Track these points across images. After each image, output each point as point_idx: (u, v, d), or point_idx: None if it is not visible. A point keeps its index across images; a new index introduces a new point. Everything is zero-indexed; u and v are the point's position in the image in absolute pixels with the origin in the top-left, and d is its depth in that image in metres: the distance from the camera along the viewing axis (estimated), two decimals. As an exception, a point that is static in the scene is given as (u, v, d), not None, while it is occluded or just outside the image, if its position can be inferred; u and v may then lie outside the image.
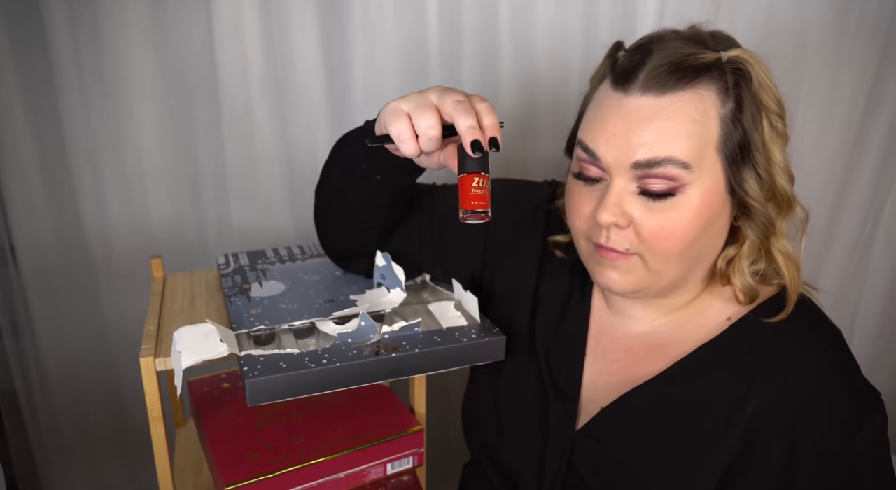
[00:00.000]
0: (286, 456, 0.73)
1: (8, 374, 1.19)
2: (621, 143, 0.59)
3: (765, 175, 0.60)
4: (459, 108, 0.56)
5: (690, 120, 0.57)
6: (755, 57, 0.60)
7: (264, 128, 1.11)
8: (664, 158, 0.57)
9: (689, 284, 0.67)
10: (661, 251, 0.61)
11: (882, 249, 1.31)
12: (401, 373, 0.65)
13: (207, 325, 0.64)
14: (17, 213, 1.11)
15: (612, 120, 0.60)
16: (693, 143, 0.57)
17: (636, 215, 0.60)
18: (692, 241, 0.61)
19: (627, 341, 0.71)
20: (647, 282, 0.63)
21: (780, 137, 0.61)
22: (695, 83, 0.58)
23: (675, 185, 0.58)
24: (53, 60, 1.02)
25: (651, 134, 0.57)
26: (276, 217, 1.17)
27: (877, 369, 1.40)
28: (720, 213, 0.62)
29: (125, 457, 1.29)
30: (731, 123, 0.59)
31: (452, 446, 1.27)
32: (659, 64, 0.58)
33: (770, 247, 0.64)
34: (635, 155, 0.58)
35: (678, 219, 0.59)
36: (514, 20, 1.10)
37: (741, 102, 0.59)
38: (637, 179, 0.59)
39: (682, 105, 0.58)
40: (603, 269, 0.64)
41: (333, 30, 1.07)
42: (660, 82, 0.58)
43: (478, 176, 0.57)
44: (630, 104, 0.59)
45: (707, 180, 0.59)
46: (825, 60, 1.18)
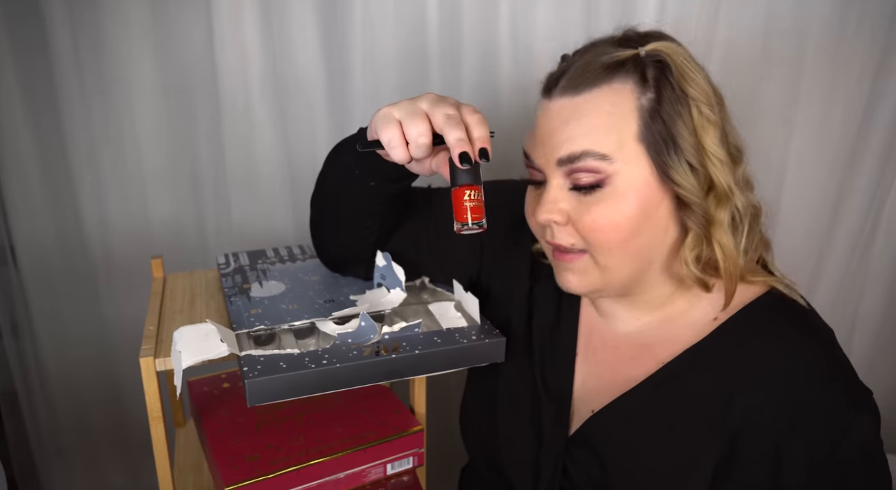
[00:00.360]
0: (286, 456, 0.73)
1: (8, 374, 1.19)
2: (547, 144, 0.62)
3: (697, 165, 0.60)
4: (450, 121, 0.57)
5: (605, 113, 0.60)
6: (675, 48, 0.62)
7: (264, 128, 1.11)
8: (582, 152, 0.60)
9: (652, 281, 0.67)
10: (601, 244, 0.62)
11: (882, 249, 1.31)
12: (401, 373, 0.65)
13: (207, 324, 0.64)
14: (17, 213, 1.11)
15: (540, 125, 0.64)
16: (609, 136, 0.59)
17: (571, 211, 0.62)
18: (630, 232, 0.61)
19: (615, 341, 0.72)
20: (602, 280, 0.64)
21: (711, 124, 0.60)
22: (610, 79, 0.60)
23: (599, 177, 0.60)
24: (53, 60, 1.02)
25: (569, 131, 0.61)
26: (276, 217, 1.17)
27: (877, 369, 1.40)
28: (657, 204, 0.62)
29: (125, 457, 1.29)
30: (650, 115, 0.60)
31: (452, 447, 1.27)
32: (577, 66, 0.62)
33: (710, 238, 0.63)
34: (558, 152, 0.61)
35: (609, 210, 0.61)
36: (513, 20, 1.10)
37: (661, 93, 0.60)
38: (566, 176, 0.62)
39: (597, 101, 0.60)
40: (561, 272, 0.67)
41: (333, 30, 1.07)
42: (575, 83, 0.61)
43: (469, 188, 0.59)
44: (552, 108, 0.63)
45: (632, 170, 0.60)
46: (825, 61, 1.18)
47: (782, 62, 1.17)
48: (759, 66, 1.17)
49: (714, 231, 0.62)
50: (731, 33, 1.15)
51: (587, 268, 0.64)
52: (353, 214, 0.73)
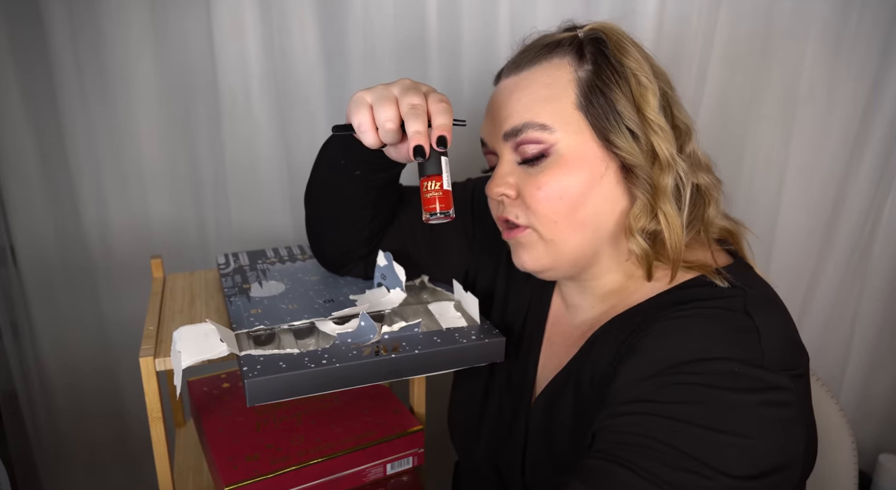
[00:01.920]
0: (286, 456, 0.73)
1: (8, 374, 1.19)
2: (495, 122, 0.66)
3: (639, 132, 0.61)
4: (412, 111, 0.58)
5: (543, 85, 0.63)
6: (611, 26, 0.65)
7: (264, 127, 1.11)
8: (524, 124, 0.62)
9: (603, 261, 0.66)
10: (545, 214, 0.63)
11: (882, 249, 1.31)
12: (400, 373, 0.65)
13: (207, 324, 0.64)
14: (17, 213, 1.10)
15: (490, 108, 0.68)
16: (548, 106, 0.62)
17: (520, 184, 0.64)
18: (575, 200, 0.62)
19: (570, 331, 0.73)
20: (550, 254, 0.65)
21: (650, 93, 0.61)
22: (549, 56, 0.64)
23: (543, 148, 0.62)
24: (53, 61, 1.02)
25: (512, 105, 0.64)
26: (275, 217, 1.17)
27: (877, 369, 1.40)
28: (602, 172, 0.62)
29: (125, 457, 1.29)
30: (588, 86, 0.62)
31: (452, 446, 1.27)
32: (520, 49, 0.67)
33: (655, 207, 0.62)
34: (503, 127, 0.64)
35: (553, 177, 0.62)
36: (513, 18, 1.10)
37: (598, 64, 0.62)
38: (514, 151, 0.64)
39: (535, 75, 0.64)
40: (514, 252, 0.68)
41: (333, 30, 1.07)
42: (517, 62, 0.66)
43: (431, 179, 0.60)
44: (499, 88, 0.67)
45: (573, 139, 0.62)
46: (825, 60, 1.18)
47: (782, 62, 1.18)
48: (759, 66, 1.17)
49: (658, 199, 0.62)
50: (732, 32, 1.15)
51: (533, 242, 0.65)
52: (342, 207, 0.74)
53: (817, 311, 1.34)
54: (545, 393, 0.70)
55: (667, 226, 0.62)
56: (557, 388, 0.68)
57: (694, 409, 0.52)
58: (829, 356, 1.38)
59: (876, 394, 1.42)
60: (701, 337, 0.56)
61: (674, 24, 1.10)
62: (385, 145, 0.63)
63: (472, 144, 1.16)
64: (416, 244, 0.79)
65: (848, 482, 0.87)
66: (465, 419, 0.80)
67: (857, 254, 1.31)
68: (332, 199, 0.74)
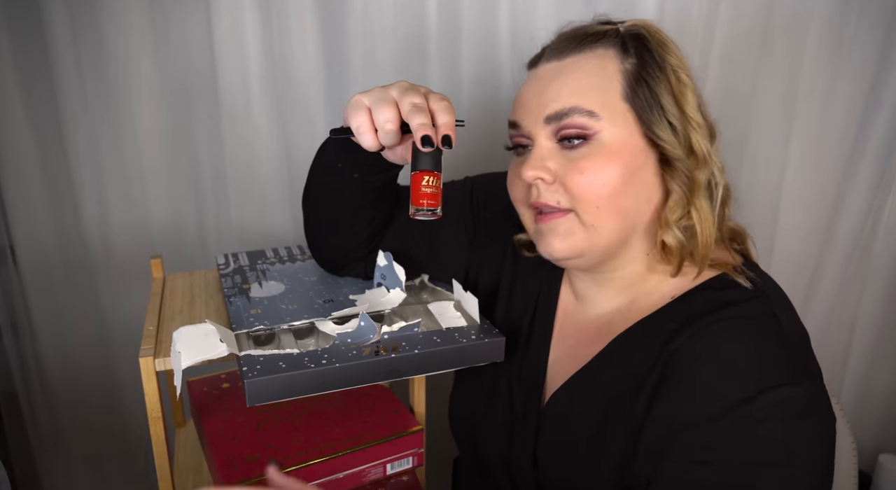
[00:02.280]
0: (286, 456, 0.73)
1: (8, 374, 1.19)
2: (534, 105, 0.64)
3: (679, 126, 0.63)
4: (415, 109, 0.59)
5: (590, 74, 0.63)
6: (651, 23, 0.65)
7: (264, 127, 1.11)
8: (570, 108, 0.62)
9: (631, 251, 0.67)
10: (588, 199, 0.62)
11: (882, 249, 1.31)
12: (400, 373, 0.65)
13: (207, 325, 0.64)
14: (17, 213, 1.11)
15: (526, 91, 0.66)
16: (596, 94, 0.62)
17: (559, 169, 0.63)
18: (618, 187, 0.62)
19: (585, 324, 0.73)
20: (587, 241, 0.64)
21: (688, 89, 0.63)
22: (594, 46, 0.64)
23: (586, 133, 0.62)
24: (53, 61, 1.02)
25: (556, 89, 0.63)
26: (275, 217, 1.17)
27: (877, 369, 1.40)
28: (642, 164, 0.63)
29: (125, 457, 1.29)
30: (634, 77, 0.62)
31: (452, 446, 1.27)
32: (561, 37, 0.67)
33: (690, 201, 0.64)
34: (546, 110, 0.63)
35: (596, 164, 0.62)
36: (513, 17, 1.10)
37: (642, 58, 0.63)
38: (553, 135, 0.63)
39: (582, 63, 0.64)
40: (544, 238, 0.66)
41: (333, 29, 1.07)
42: (560, 48, 0.65)
43: (428, 174, 0.60)
44: (538, 73, 0.66)
45: (619, 128, 0.62)
46: (825, 59, 1.18)
47: (782, 61, 1.17)
48: (759, 65, 1.17)
49: (694, 193, 0.64)
50: (731, 31, 1.15)
51: (572, 228, 0.64)
52: (340, 210, 0.74)
53: (817, 311, 1.34)
54: (564, 390, 0.69)
55: (699, 220, 0.64)
56: (578, 387, 0.68)
57: (770, 451, 0.55)
58: (829, 356, 1.38)
59: (876, 394, 1.42)
60: (754, 362, 0.58)
61: (674, 22, 1.10)
62: (383, 148, 0.63)
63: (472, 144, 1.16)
64: (417, 244, 0.79)
65: (848, 482, 0.87)
66: (470, 414, 0.79)
67: (857, 254, 1.31)
68: (330, 201, 0.74)
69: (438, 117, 0.59)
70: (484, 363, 0.69)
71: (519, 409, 0.73)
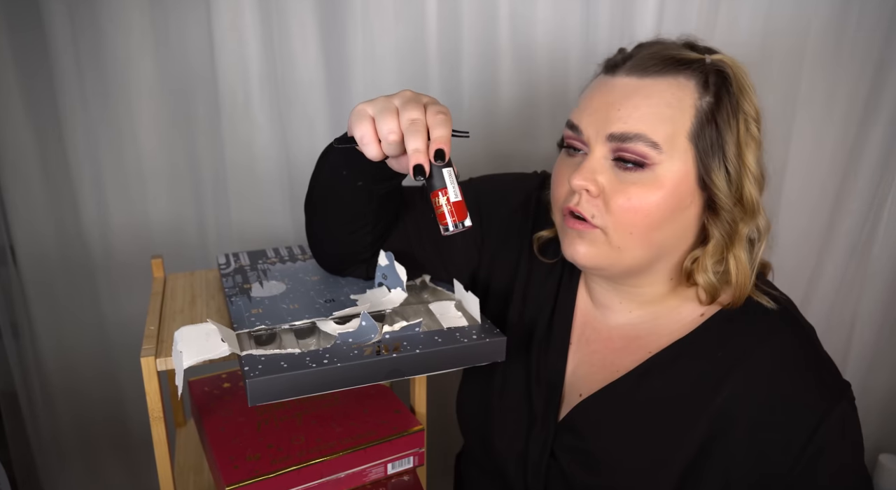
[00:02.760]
0: (287, 456, 0.73)
1: (8, 374, 1.19)
2: (601, 116, 0.63)
3: (734, 175, 0.63)
4: (411, 128, 0.57)
5: (665, 103, 0.61)
6: (738, 63, 0.64)
7: (264, 127, 1.11)
8: (636, 134, 0.61)
9: (655, 275, 0.69)
10: (624, 225, 0.63)
11: (882, 249, 1.31)
12: (401, 373, 0.65)
13: (208, 324, 0.64)
14: (17, 213, 1.10)
15: (597, 97, 0.65)
16: (665, 126, 0.61)
17: (607, 186, 0.63)
18: (657, 221, 0.63)
19: (607, 332, 0.74)
20: (610, 258, 0.65)
21: (754, 142, 0.63)
22: (675, 73, 0.62)
23: (644, 162, 0.61)
24: (53, 61, 1.02)
25: (628, 109, 0.62)
26: (276, 217, 1.17)
27: (877, 369, 1.40)
28: (688, 205, 0.64)
29: (125, 457, 1.29)
30: (706, 116, 0.62)
31: (453, 446, 1.27)
32: (646, 53, 0.64)
33: (730, 249, 0.66)
34: (611, 127, 0.62)
35: (644, 194, 0.62)
36: (513, 21, 1.10)
37: (720, 99, 0.62)
38: (612, 152, 0.63)
39: (660, 88, 0.62)
40: (570, 241, 0.66)
41: (333, 30, 1.07)
42: (643, 66, 0.63)
43: (438, 193, 0.59)
44: (615, 83, 0.64)
45: (677, 165, 0.62)
46: (825, 60, 1.18)
47: (782, 62, 1.18)
48: (759, 66, 1.17)
49: (735, 244, 0.65)
50: (731, 32, 1.15)
51: (598, 241, 0.65)
52: (345, 216, 0.73)
53: (817, 311, 1.34)
54: (594, 400, 0.70)
55: (735, 269, 0.66)
56: (609, 399, 0.69)
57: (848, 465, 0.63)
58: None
59: (876, 394, 1.42)
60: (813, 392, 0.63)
61: (673, 24, 1.10)
62: (388, 157, 0.62)
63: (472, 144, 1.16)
64: (422, 245, 0.79)
65: (848, 482, 0.87)
66: (483, 410, 0.80)
67: (857, 254, 1.31)
68: (333, 207, 0.73)
69: (433, 131, 0.58)
70: (485, 363, 0.69)
71: (539, 410, 0.74)
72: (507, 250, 0.81)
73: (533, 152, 1.17)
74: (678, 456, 0.65)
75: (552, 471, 0.72)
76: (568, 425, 0.71)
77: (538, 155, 1.17)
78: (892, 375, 1.41)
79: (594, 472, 0.68)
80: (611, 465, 0.68)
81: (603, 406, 0.70)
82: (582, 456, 0.70)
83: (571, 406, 0.72)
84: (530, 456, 0.73)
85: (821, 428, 0.61)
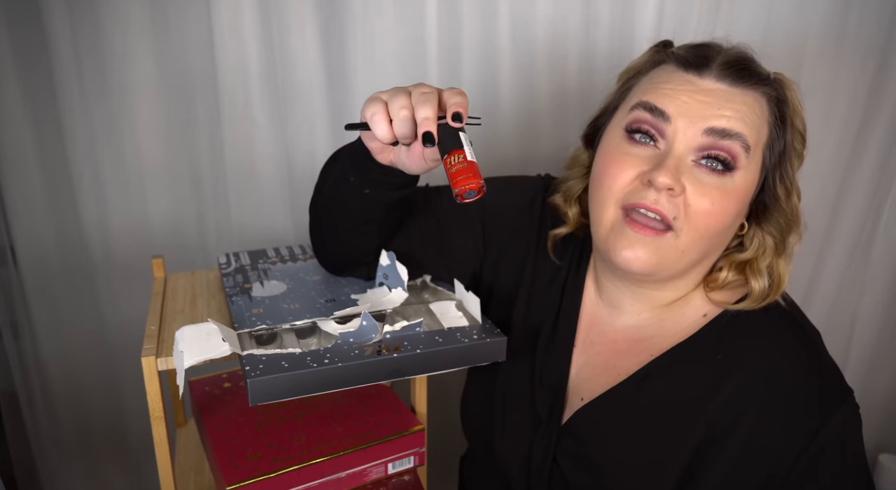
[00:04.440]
0: (287, 455, 0.73)
1: (8, 374, 1.19)
2: (695, 111, 0.62)
3: (790, 187, 0.66)
4: (422, 98, 0.57)
5: (754, 112, 0.63)
6: (791, 82, 0.66)
7: (264, 127, 1.11)
8: (737, 132, 0.61)
9: (685, 279, 0.69)
10: (697, 228, 0.62)
11: (882, 249, 1.31)
12: (402, 373, 0.65)
13: (209, 324, 0.64)
14: (17, 213, 1.10)
15: (686, 94, 0.62)
16: (754, 134, 0.62)
17: (688, 187, 0.61)
18: (725, 227, 0.64)
19: (613, 334, 0.73)
20: (669, 262, 0.64)
21: (799, 159, 0.66)
22: (755, 87, 0.63)
23: (733, 163, 0.62)
24: (53, 61, 1.02)
25: (730, 110, 0.61)
26: (276, 217, 1.17)
27: (877, 369, 1.41)
28: (742, 212, 0.66)
29: (125, 456, 1.29)
30: (776, 132, 0.64)
31: (453, 446, 1.27)
32: (733, 58, 0.63)
33: (778, 258, 0.68)
34: (714, 122, 0.61)
35: (724, 199, 0.62)
36: (513, 19, 1.10)
37: (784, 117, 0.64)
38: (700, 150, 0.62)
39: (750, 99, 0.63)
40: (628, 244, 0.63)
41: (333, 30, 1.07)
42: (733, 75, 0.62)
43: (452, 154, 0.57)
44: (705, 85, 0.63)
45: (751, 174, 0.63)
46: (825, 60, 1.18)
47: (782, 62, 1.17)
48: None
49: (782, 251, 0.67)
50: (731, 32, 1.14)
51: (665, 246, 0.62)
52: (350, 222, 0.72)
53: (817, 311, 1.34)
54: (597, 404, 0.70)
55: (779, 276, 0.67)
56: (612, 403, 0.69)
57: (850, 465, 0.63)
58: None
59: (876, 394, 1.42)
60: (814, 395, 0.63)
61: (673, 24, 1.11)
62: (397, 142, 0.60)
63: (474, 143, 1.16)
64: (424, 248, 0.79)
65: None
66: (486, 411, 0.79)
67: (857, 254, 1.32)
68: (338, 212, 0.72)
69: (449, 98, 0.58)
70: (486, 363, 0.69)
71: (542, 411, 0.73)
72: (511, 252, 0.80)
73: (533, 151, 1.17)
74: (677, 459, 0.65)
75: (555, 475, 0.72)
76: (569, 430, 0.71)
77: (538, 154, 1.17)
78: (892, 376, 1.41)
79: (596, 477, 0.68)
80: (611, 469, 0.68)
81: (603, 411, 0.69)
82: (583, 462, 0.69)
83: (574, 410, 0.72)
84: (533, 459, 0.73)
85: (821, 431, 0.61)
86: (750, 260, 0.67)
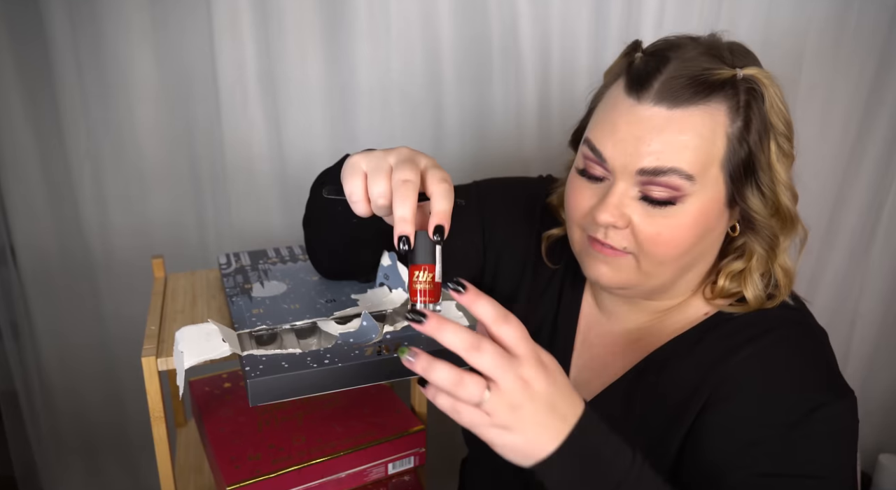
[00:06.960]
0: (287, 456, 0.73)
1: (8, 374, 1.19)
2: (629, 148, 0.60)
3: (769, 193, 0.62)
4: (401, 189, 0.52)
5: (699, 135, 0.59)
6: (770, 77, 0.61)
7: (263, 127, 1.11)
8: (670, 168, 0.59)
9: (678, 289, 0.69)
10: (656, 256, 0.62)
11: (882, 249, 1.31)
12: (402, 373, 0.65)
13: (209, 324, 0.64)
14: (17, 213, 1.10)
15: (623, 125, 0.60)
16: (699, 157, 0.59)
17: (635, 219, 0.61)
18: (687, 249, 0.62)
19: (611, 337, 0.73)
20: (637, 281, 0.65)
21: (787, 158, 0.62)
22: (707, 99, 0.59)
23: (676, 195, 0.60)
24: (53, 60, 1.02)
25: (660, 144, 0.59)
26: (275, 217, 1.17)
27: (877, 369, 1.41)
28: (716, 226, 0.64)
29: (125, 456, 1.29)
30: (738, 142, 0.60)
31: (453, 446, 1.27)
32: (674, 75, 0.59)
33: (773, 262, 0.66)
34: (642, 162, 0.59)
35: (675, 226, 0.61)
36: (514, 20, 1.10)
37: (749, 122, 0.60)
38: (640, 185, 0.61)
39: (693, 120, 0.59)
40: (594, 263, 0.65)
41: (332, 31, 1.07)
42: (673, 95, 0.59)
43: (422, 268, 0.54)
44: (642, 112, 0.60)
45: (707, 193, 0.61)
46: (825, 61, 1.18)
47: (782, 62, 1.18)
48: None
49: (778, 254, 0.65)
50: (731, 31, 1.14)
51: (625, 266, 0.64)
52: (343, 244, 0.72)
53: (817, 311, 1.33)
54: (594, 403, 0.68)
55: (784, 279, 0.66)
56: (609, 400, 0.69)
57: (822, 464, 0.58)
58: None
59: (876, 394, 1.42)
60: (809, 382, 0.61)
61: (674, 23, 1.11)
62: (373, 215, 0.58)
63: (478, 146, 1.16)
64: None
65: (848, 482, 0.87)
66: None
67: (857, 254, 1.32)
68: (331, 236, 0.71)
69: (435, 203, 0.52)
70: (486, 363, 0.69)
71: None
72: (511, 254, 0.80)
73: (544, 152, 1.17)
74: (670, 454, 0.64)
75: None
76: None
77: (548, 154, 1.16)
78: (892, 375, 1.41)
79: None
80: None
81: (602, 410, 0.68)
82: None
83: None
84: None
85: (816, 412, 0.59)
86: (743, 269, 0.66)
